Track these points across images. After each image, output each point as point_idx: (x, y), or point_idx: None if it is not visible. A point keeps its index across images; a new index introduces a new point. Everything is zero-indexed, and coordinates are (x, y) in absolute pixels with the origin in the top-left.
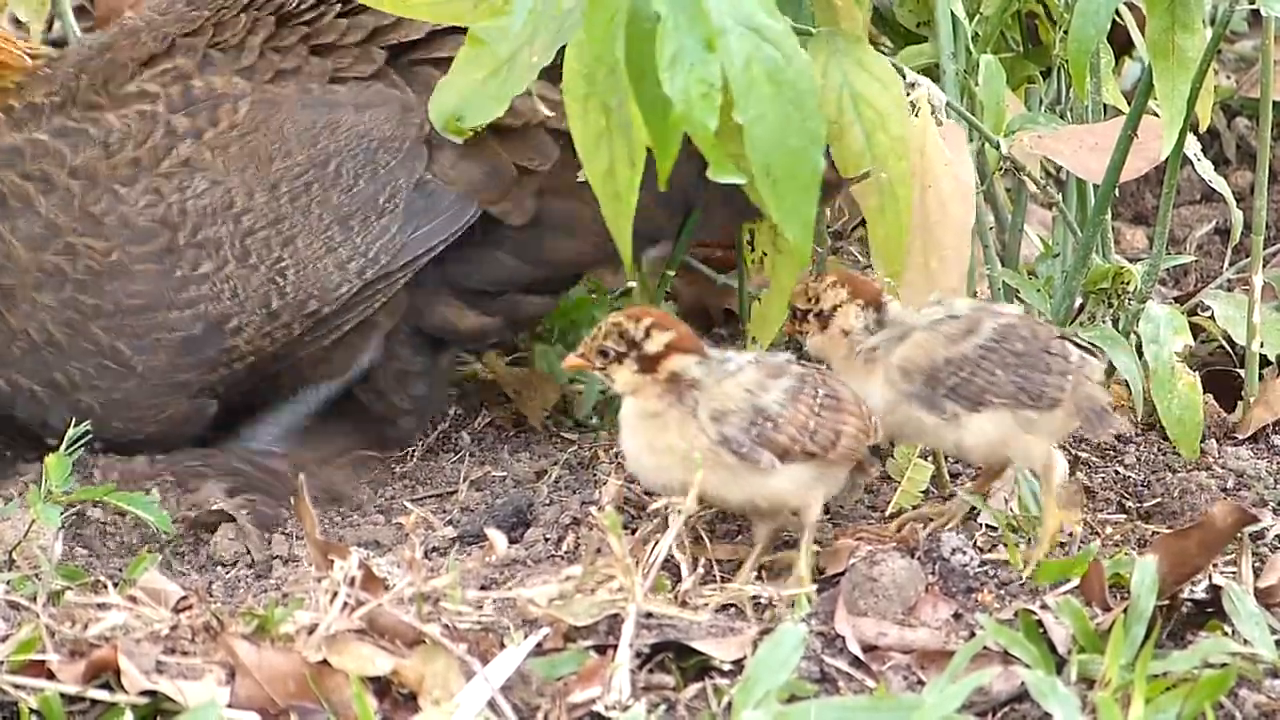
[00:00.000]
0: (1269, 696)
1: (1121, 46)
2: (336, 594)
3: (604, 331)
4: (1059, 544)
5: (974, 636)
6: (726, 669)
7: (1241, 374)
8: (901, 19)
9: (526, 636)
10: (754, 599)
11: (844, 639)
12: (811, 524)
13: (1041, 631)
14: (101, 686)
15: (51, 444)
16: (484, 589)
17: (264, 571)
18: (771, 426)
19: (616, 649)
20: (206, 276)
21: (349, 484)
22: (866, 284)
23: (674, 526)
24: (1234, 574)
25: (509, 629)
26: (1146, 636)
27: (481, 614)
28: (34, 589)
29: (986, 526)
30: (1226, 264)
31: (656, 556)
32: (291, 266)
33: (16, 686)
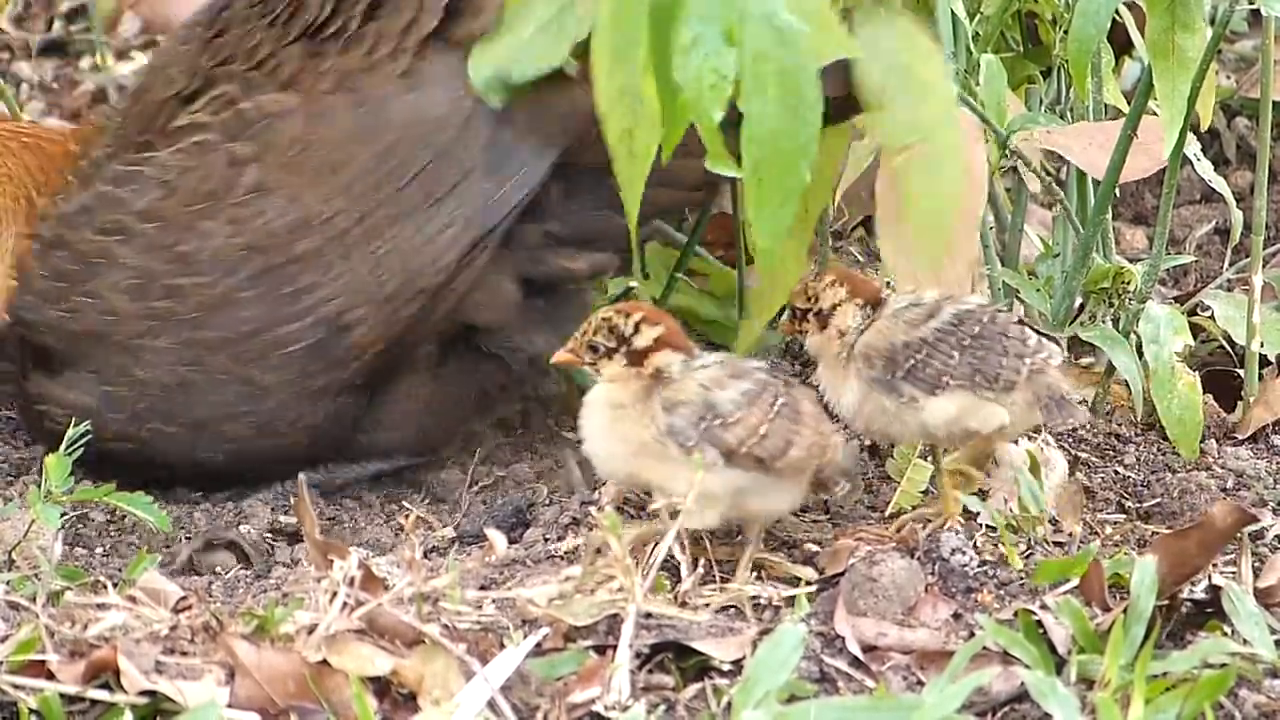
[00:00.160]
0: (1269, 696)
1: (1121, 46)
2: (336, 594)
3: (594, 327)
4: (1058, 544)
5: (974, 636)
6: (726, 669)
7: (1241, 374)
8: None
9: (526, 636)
10: (753, 599)
11: (844, 639)
12: (753, 539)
13: (1041, 631)
14: (101, 687)
15: (199, 479)
16: (484, 589)
17: (263, 571)
18: (720, 424)
19: (616, 649)
20: (313, 285)
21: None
22: (866, 283)
23: (674, 527)
24: (1234, 574)
25: (509, 629)
26: (1146, 636)
27: (481, 614)
28: (34, 589)
29: (986, 526)
30: (1226, 264)
31: (656, 556)
32: (391, 252)
33: (16, 686)
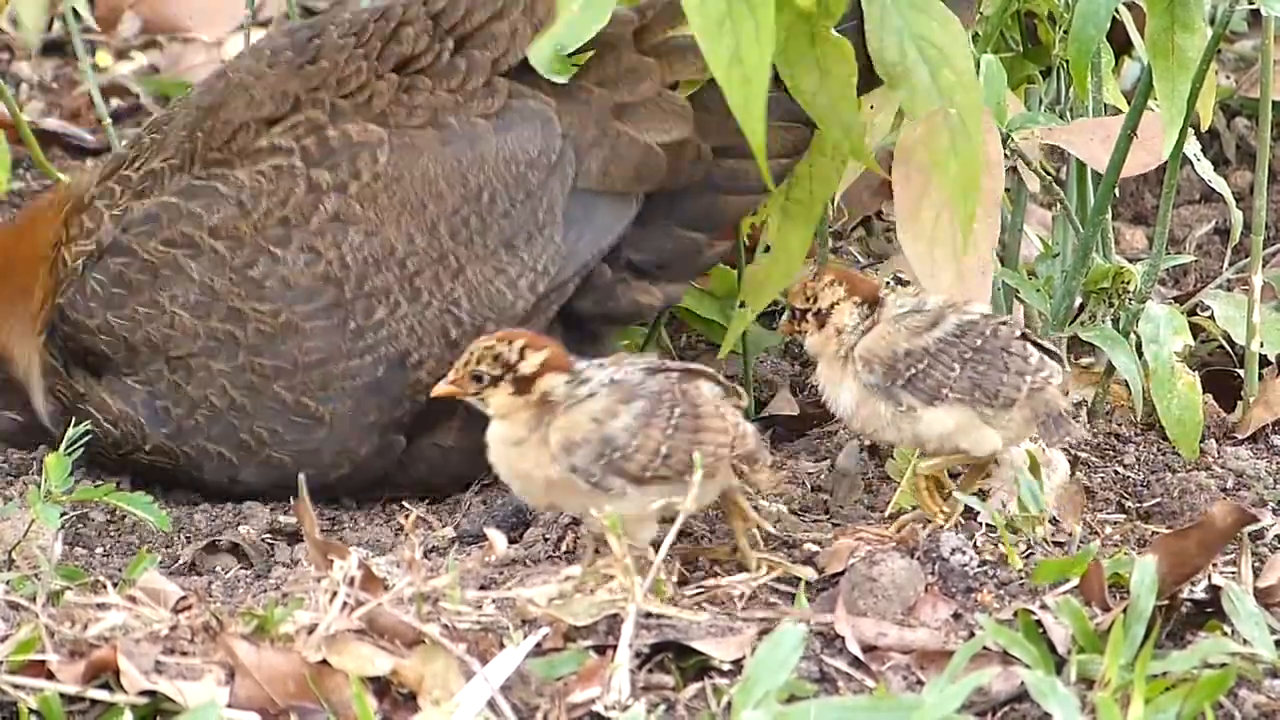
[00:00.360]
0: (1269, 696)
1: (1121, 46)
2: (336, 594)
3: (476, 356)
4: (1058, 544)
5: (974, 636)
6: (726, 669)
7: (1241, 374)
8: None
9: (526, 636)
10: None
11: (844, 639)
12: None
13: (1041, 631)
14: (101, 686)
15: (231, 498)
16: (484, 589)
17: (264, 571)
18: (620, 456)
19: (616, 649)
20: (381, 322)
21: None
22: (864, 281)
23: (674, 526)
24: (1234, 574)
25: (509, 629)
26: (1146, 636)
27: (481, 614)
28: (34, 589)
29: (986, 526)
30: (1226, 264)
31: (656, 556)
32: (464, 296)
33: (16, 686)
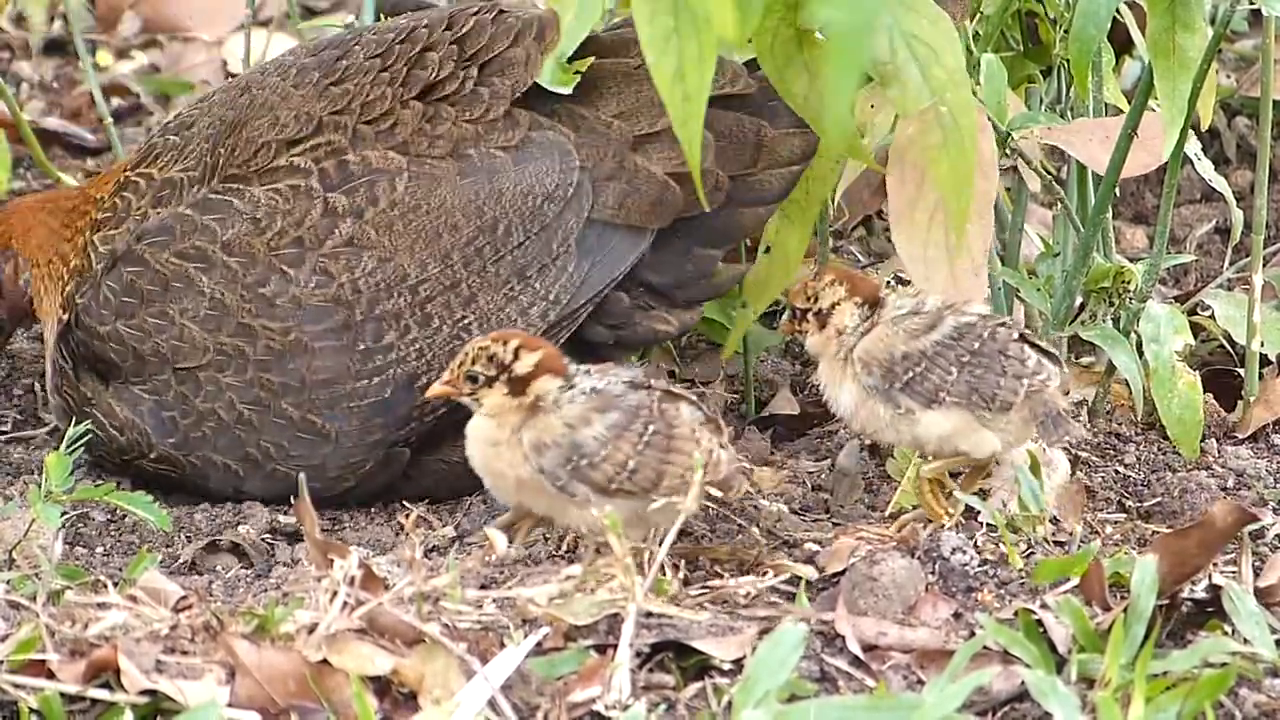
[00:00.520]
0: (1269, 696)
1: (1122, 45)
2: (336, 593)
3: (471, 356)
4: (1059, 543)
5: (974, 636)
6: (726, 668)
7: (1241, 373)
8: None
9: (526, 636)
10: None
11: (844, 638)
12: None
13: (1041, 631)
14: (101, 686)
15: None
16: (484, 588)
17: (264, 571)
18: (587, 464)
19: (616, 648)
20: (390, 345)
21: None
22: (865, 281)
23: (674, 526)
24: (1234, 573)
25: (509, 628)
26: (1146, 636)
27: (481, 613)
28: (34, 588)
29: (986, 526)
30: (1227, 263)
31: (656, 556)
32: (475, 322)
33: (16, 686)
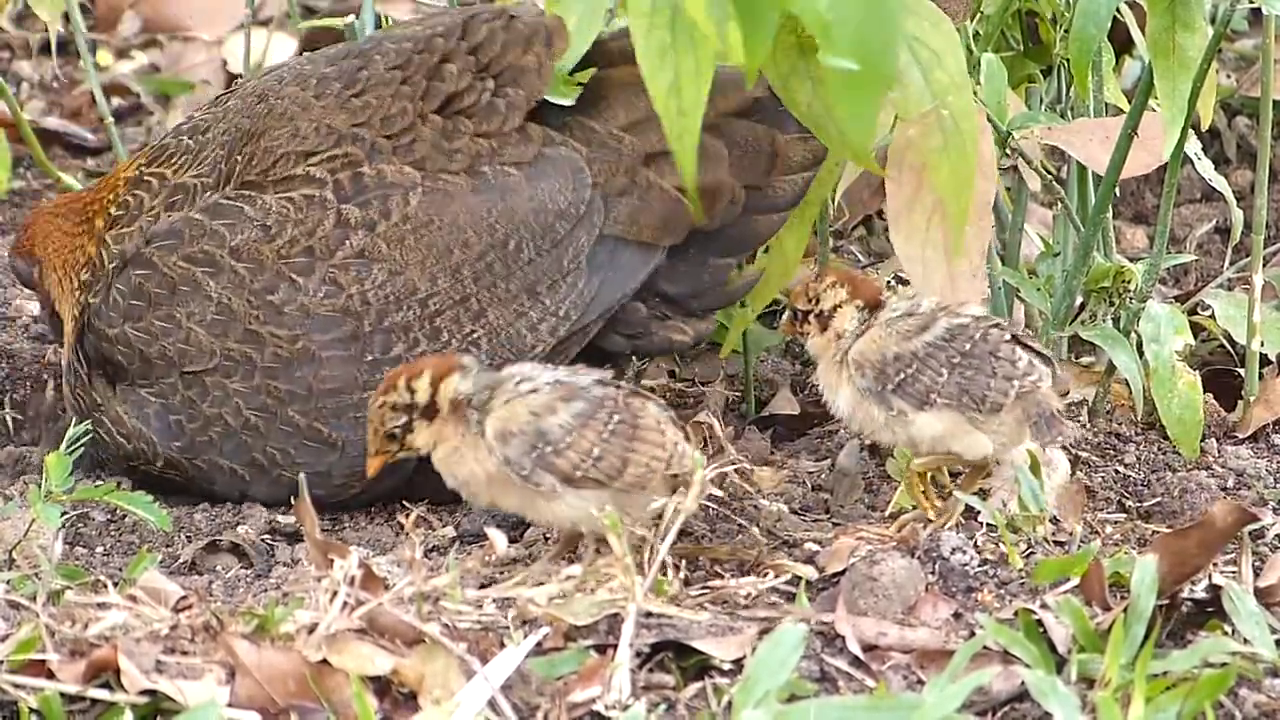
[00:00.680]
0: (1269, 696)
1: (1122, 45)
2: (336, 593)
3: (379, 420)
4: (1059, 543)
5: (974, 636)
6: (726, 668)
7: (1241, 373)
8: None
9: (526, 636)
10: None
11: (844, 638)
12: (614, 546)
13: (1041, 631)
14: (101, 686)
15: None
16: (484, 588)
17: (264, 571)
18: (552, 451)
19: (616, 648)
20: (399, 358)
21: None
22: (866, 283)
23: (674, 526)
24: (1234, 573)
25: (509, 628)
26: (1146, 636)
27: (481, 613)
28: (34, 588)
29: (986, 526)
30: (1227, 263)
31: (656, 556)
32: (484, 337)
33: (16, 686)
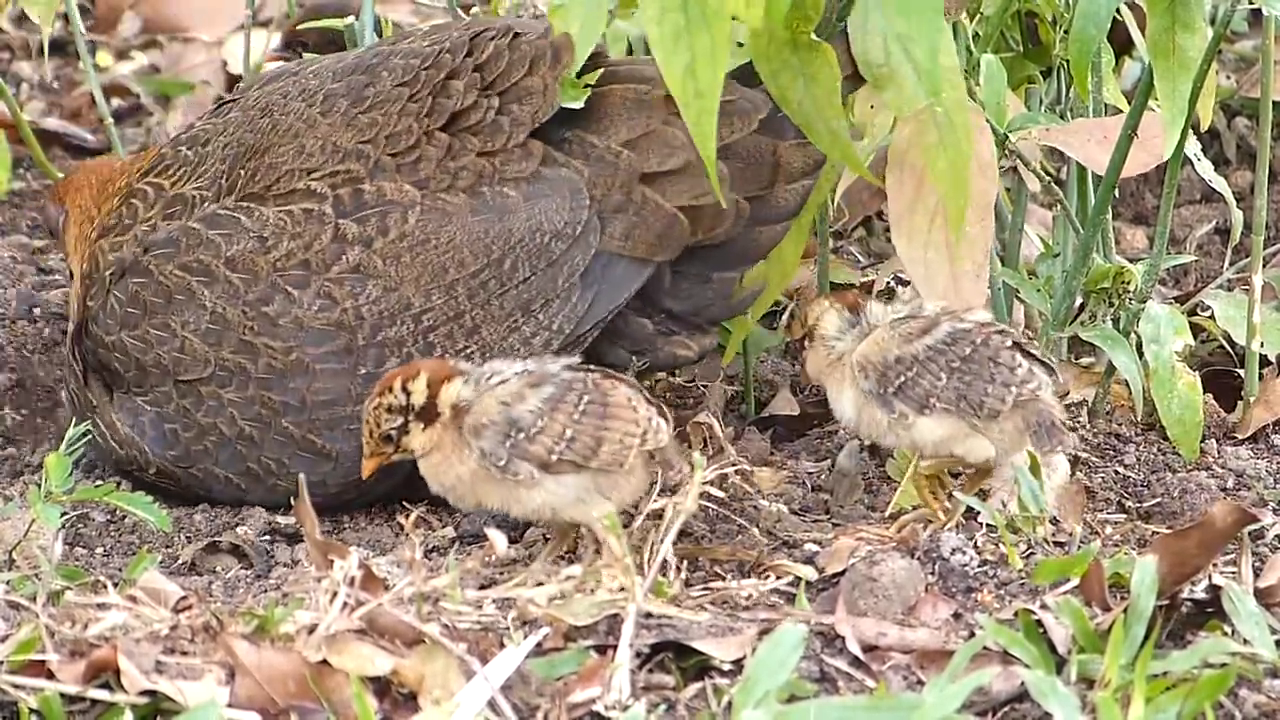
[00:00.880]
0: (1269, 696)
1: (1122, 46)
2: (336, 594)
3: (375, 421)
4: (1059, 544)
5: (974, 636)
6: (726, 669)
7: (1241, 374)
8: None
9: (526, 636)
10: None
11: (844, 639)
12: (604, 538)
13: (1041, 631)
14: (101, 686)
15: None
16: (484, 589)
17: (264, 571)
18: (525, 438)
19: (616, 649)
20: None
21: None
22: (843, 295)
23: (674, 526)
24: (1234, 574)
25: (509, 629)
26: (1146, 636)
27: (481, 614)
28: (34, 589)
29: (986, 526)
30: (1226, 264)
31: (656, 556)
32: (477, 351)
33: (16, 686)
